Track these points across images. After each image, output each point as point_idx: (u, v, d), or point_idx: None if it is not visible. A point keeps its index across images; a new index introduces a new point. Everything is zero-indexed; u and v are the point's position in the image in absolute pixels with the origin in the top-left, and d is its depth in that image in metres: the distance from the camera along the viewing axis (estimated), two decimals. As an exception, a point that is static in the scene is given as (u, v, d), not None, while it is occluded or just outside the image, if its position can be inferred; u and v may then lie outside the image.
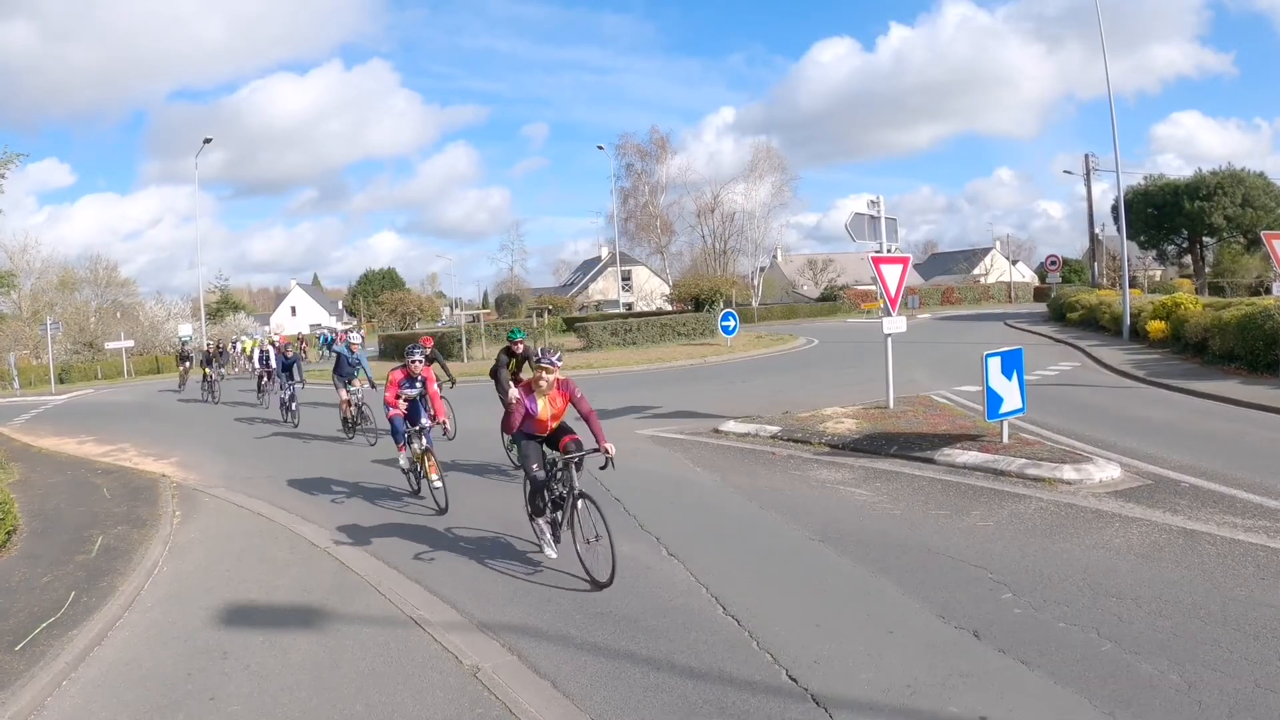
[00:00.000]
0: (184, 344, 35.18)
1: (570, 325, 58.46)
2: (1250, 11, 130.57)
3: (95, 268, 76.30)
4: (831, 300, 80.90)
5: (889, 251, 16.66)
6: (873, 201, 16.38)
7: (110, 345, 60.15)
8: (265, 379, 28.91)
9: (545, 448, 9.49)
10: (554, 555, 9.29)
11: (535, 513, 9.50)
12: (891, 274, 15.88)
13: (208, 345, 36.91)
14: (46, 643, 7.80)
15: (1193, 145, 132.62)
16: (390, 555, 10.27)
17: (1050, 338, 34.99)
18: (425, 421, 12.71)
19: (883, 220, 16.21)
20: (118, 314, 71.77)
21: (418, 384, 13.28)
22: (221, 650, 7.74)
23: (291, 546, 11.06)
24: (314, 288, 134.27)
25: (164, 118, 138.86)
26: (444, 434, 16.83)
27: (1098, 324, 35.76)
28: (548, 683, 6.63)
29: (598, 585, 8.48)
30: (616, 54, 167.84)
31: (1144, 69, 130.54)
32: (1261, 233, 23.43)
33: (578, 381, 9.77)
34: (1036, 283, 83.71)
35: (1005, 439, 13.30)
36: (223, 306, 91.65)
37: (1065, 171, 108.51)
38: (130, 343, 60.34)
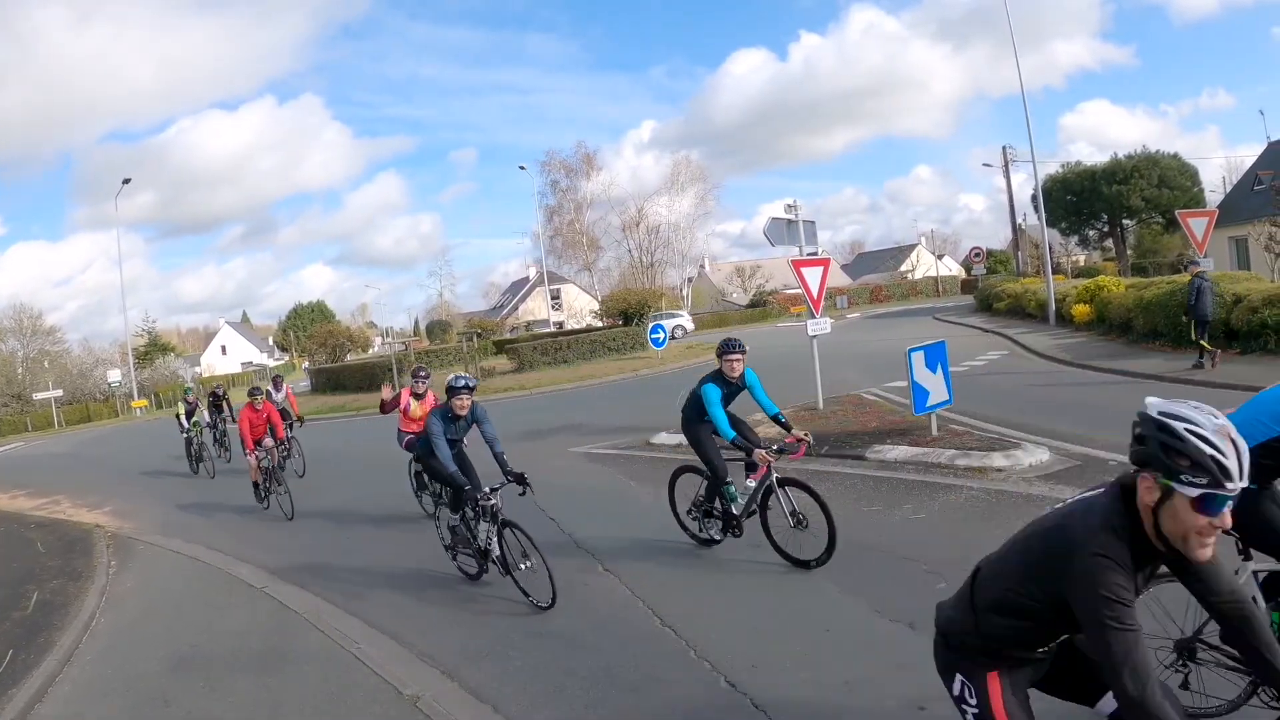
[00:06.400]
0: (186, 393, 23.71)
1: (500, 348, 58.09)
2: (1146, 4, 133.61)
3: (20, 317, 75.07)
4: (761, 306, 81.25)
5: (809, 254, 16.76)
6: (790, 205, 16.47)
7: (39, 396, 59.18)
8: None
9: None
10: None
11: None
12: (813, 276, 15.98)
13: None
14: (-15, 704, 7.64)
15: (1102, 133, 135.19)
16: (328, 591, 10.20)
17: (979, 328, 35.45)
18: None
19: (800, 224, 16.29)
20: (45, 363, 70.53)
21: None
22: (163, 698, 7.64)
23: (229, 589, 10.93)
24: (243, 325, 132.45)
25: (94, 161, 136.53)
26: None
27: (1024, 312, 36.34)
28: (489, 707, 6.61)
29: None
30: (542, 74, 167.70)
31: (1048, 65, 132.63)
32: (1178, 213, 23.89)
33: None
34: (963, 275, 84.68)
35: (934, 431, 13.46)
36: (151, 349, 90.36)
37: (984, 165, 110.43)
38: (59, 392, 59.45)
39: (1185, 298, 19.18)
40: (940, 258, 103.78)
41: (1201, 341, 18.35)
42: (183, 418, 22.29)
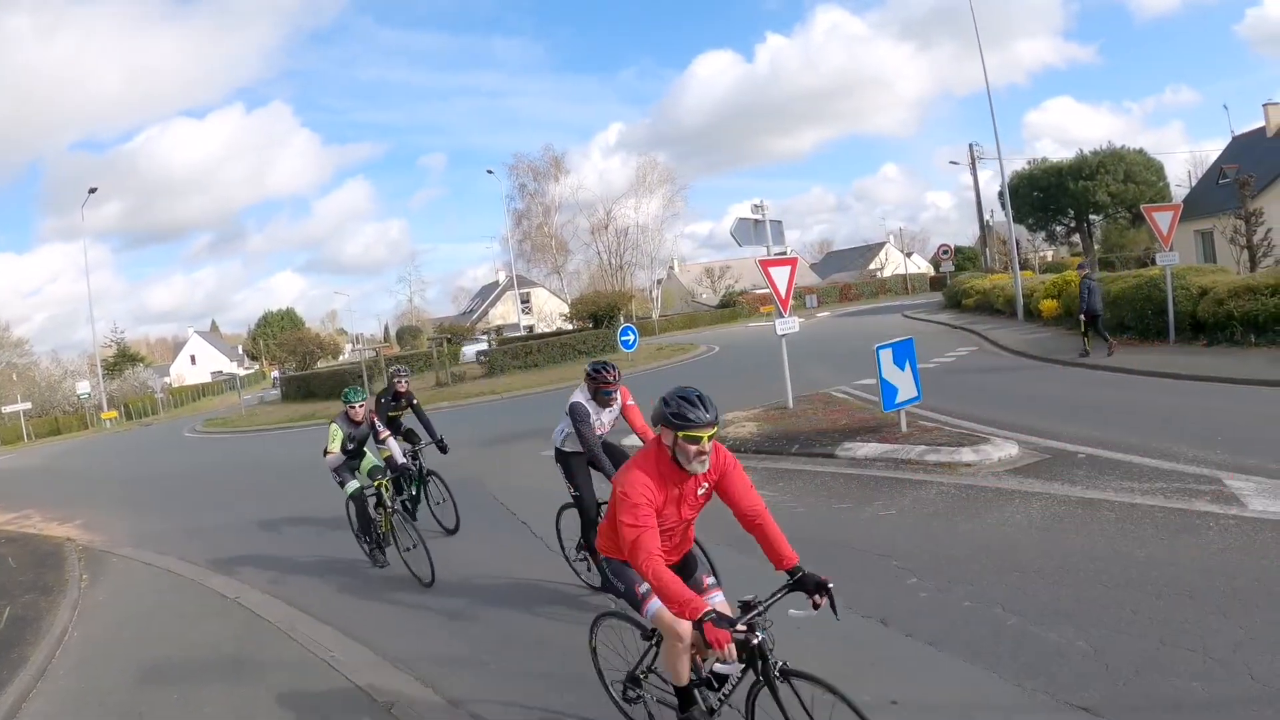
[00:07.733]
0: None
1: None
2: (1109, 2, 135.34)
3: (-14, 329, 74.57)
4: (731, 306, 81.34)
5: (777, 254, 16.77)
6: (756, 205, 16.45)
7: (7, 409, 58.74)
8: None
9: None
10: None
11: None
12: (780, 276, 15.98)
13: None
14: (-42, 723, 7.57)
15: (1068, 130, 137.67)
16: (301, 599, 10.17)
17: (947, 325, 35.60)
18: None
19: (767, 223, 16.28)
20: (13, 375, 70.03)
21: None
22: (136, 711, 7.58)
23: (202, 600, 10.85)
24: (212, 334, 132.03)
25: (62, 171, 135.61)
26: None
27: (993, 308, 36.50)
28: (464, 712, 6.61)
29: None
30: (510, 77, 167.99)
31: (1013, 64, 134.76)
32: (1142, 207, 24.10)
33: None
34: (932, 273, 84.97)
35: (904, 428, 13.51)
36: (120, 360, 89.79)
37: (951, 162, 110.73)
38: (28, 405, 58.96)
39: (1079, 298, 21.27)
40: (909, 255, 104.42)
41: (1087, 335, 20.86)
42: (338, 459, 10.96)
